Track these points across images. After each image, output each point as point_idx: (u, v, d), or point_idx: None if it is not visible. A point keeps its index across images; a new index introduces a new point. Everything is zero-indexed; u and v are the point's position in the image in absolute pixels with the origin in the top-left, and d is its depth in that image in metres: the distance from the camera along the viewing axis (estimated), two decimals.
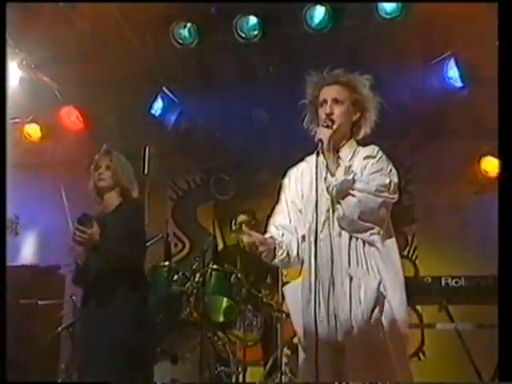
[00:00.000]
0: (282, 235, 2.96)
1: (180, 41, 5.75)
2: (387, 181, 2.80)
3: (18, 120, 6.10)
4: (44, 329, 5.37)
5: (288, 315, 5.33)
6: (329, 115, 2.89)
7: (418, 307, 6.01)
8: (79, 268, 3.67)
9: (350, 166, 2.80)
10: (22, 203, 4.19)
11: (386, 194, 2.78)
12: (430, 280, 5.27)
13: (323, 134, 2.83)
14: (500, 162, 3.69)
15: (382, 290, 2.73)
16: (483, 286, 5.14)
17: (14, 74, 5.79)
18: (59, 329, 5.13)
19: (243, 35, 5.67)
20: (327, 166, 2.79)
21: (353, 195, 2.74)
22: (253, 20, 5.65)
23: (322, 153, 2.80)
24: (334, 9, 5.50)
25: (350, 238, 2.79)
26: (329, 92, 2.94)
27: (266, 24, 5.68)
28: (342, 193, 2.74)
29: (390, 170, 2.87)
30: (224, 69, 6.23)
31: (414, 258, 6.59)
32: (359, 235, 2.78)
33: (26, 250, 5.02)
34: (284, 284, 4.53)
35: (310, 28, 5.57)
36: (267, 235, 2.96)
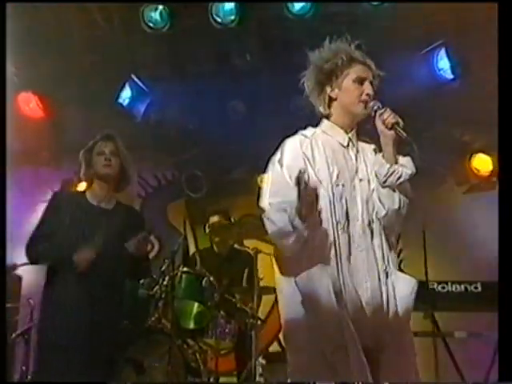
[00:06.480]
0: None
1: (151, 24, 5.63)
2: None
3: None
4: None
5: (263, 321, 5.31)
6: (369, 96, 2.76)
7: None
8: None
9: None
10: None
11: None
12: None
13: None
14: (499, 160, 3.63)
15: None
16: (471, 292, 5.14)
17: None
18: (14, 335, 4.98)
19: (219, 20, 5.57)
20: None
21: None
22: (229, 4, 5.55)
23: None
24: None
25: (380, 237, 2.76)
26: (367, 73, 2.81)
27: (244, 9, 5.57)
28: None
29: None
30: (198, 56, 6.10)
31: (398, 261, 6.44)
32: (393, 233, 2.78)
33: None
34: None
35: (291, 14, 5.49)
36: None
